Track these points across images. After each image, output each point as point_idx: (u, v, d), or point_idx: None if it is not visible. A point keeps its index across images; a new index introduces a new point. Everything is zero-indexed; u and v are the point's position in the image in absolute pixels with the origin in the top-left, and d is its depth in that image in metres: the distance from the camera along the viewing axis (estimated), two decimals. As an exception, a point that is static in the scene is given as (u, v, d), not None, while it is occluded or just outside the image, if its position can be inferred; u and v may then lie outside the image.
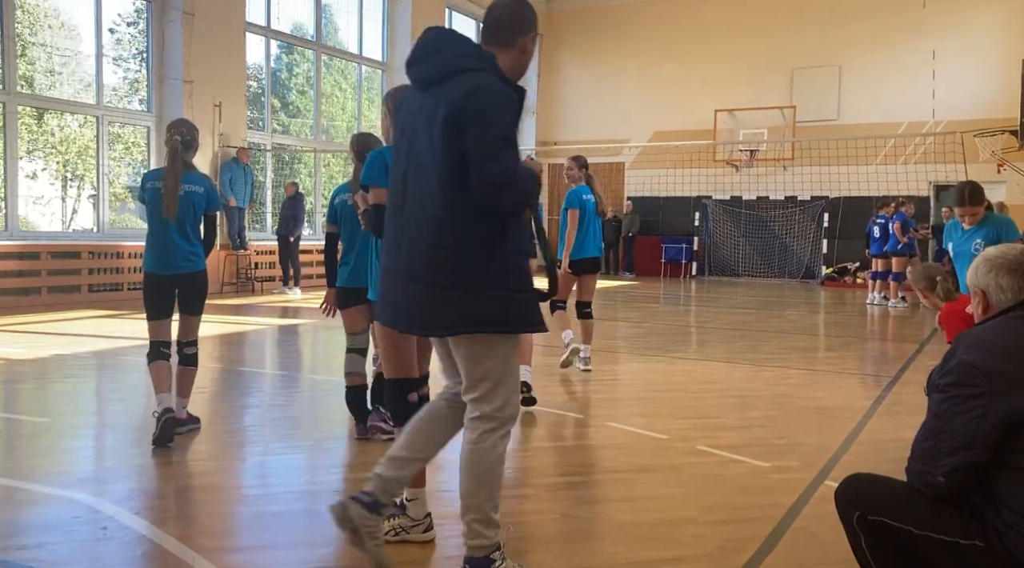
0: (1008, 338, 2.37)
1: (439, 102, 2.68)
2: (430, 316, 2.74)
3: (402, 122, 2.88)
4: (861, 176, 16.26)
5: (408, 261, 2.77)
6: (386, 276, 2.88)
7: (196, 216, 4.84)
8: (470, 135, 2.61)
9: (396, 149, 2.91)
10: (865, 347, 9.66)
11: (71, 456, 4.60)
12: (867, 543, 2.48)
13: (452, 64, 2.72)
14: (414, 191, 2.77)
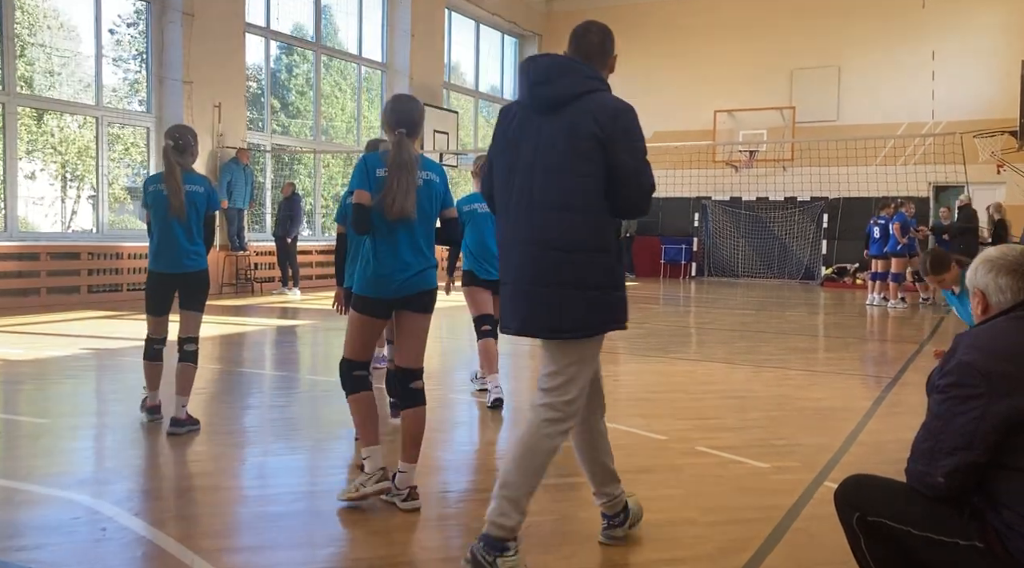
0: (1008, 339, 2.37)
1: (579, 119, 2.93)
2: (553, 316, 2.95)
3: (513, 137, 3.07)
4: (861, 177, 16.26)
5: (535, 268, 2.97)
6: (515, 286, 3.04)
7: (198, 216, 4.99)
8: (623, 150, 2.92)
9: (502, 163, 3.11)
10: (865, 348, 9.66)
11: (71, 457, 4.60)
12: (867, 544, 2.49)
13: (581, 85, 2.99)
14: (540, 199, 2.96)
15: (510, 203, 3.06)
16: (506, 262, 3.09)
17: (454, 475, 4.34)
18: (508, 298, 3.08)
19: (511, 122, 3.10)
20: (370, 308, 3.75)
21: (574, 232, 2.94)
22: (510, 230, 3.06)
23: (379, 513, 3.69)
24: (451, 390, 6.57)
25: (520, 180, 3.02)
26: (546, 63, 3.08)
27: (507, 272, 3.08)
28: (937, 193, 17.89)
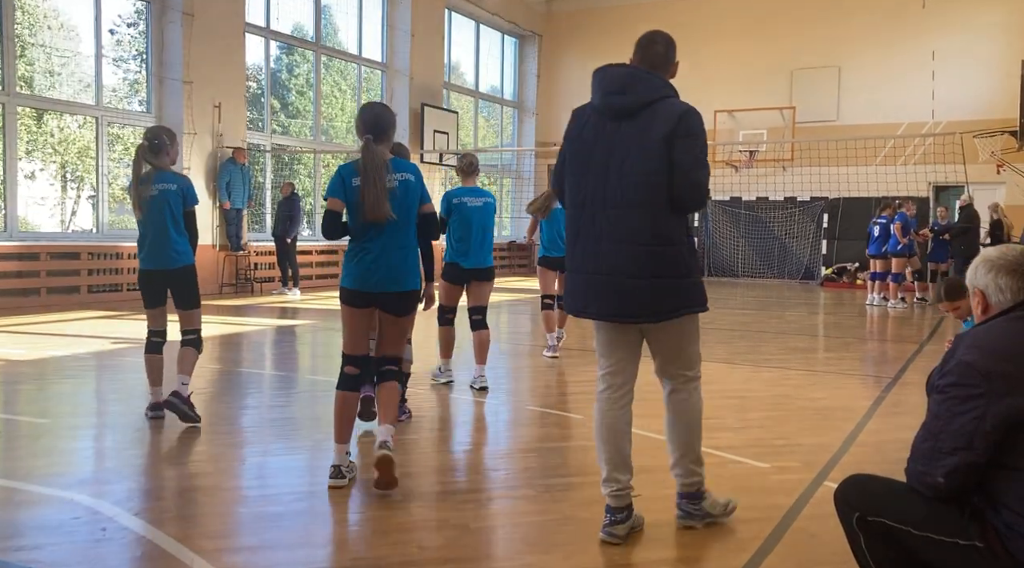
0: (1008, 339, 2.37)
1: (653, 123, 3.25)
2: (654, 303, 3.28)
3: (587, 140, 3.37)
4: (860, 177, 16.25)
5: (616, 260, 3.28)
6: (588, 276, 3.36)
7: (174, 213, 5.07)
8: (681, 147, 3.22)
9: (579, 165, 3.39)
10: (865, 348, 9.66)
11: (71, 457, 4.60)
12: (866, 544, 2.49)
13: (654, 93, 3.29)
14: (618, 199, 3.28)
15: (586, 201, 3.35)
16: (582, 254, 3.39)
17: (454, 475, 4.34)
18: (589, 286, 3.36)
19: (584, 125, 3.41)
20: (352, 298, 4.00)
21: (659, 227, 3.26)
22: (587, 227, 3.36)
23: (379, 513, 3.69)
24: (451, 390, 6.56)
25: (595, 181, 3.33)
26: (620, 73, 3.35)
27: (584, 263, 3.38)
28: (937, 193, 17.89)
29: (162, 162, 5.12)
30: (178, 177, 5.17)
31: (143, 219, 5.09)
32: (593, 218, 3.34)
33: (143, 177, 5.07)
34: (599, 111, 3.36)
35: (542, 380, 7.13)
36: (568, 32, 21.99)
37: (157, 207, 5.02)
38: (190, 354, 5.16)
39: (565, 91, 22.15)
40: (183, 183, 5.13)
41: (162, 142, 5.08)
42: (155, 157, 5.08)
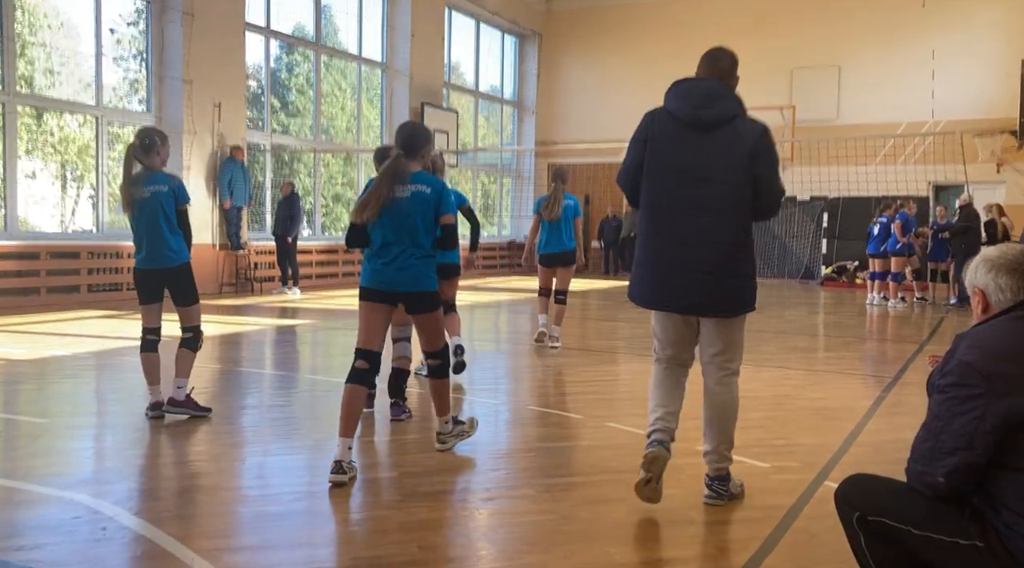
0: (1008, 339, 2.37)
1: (737, 138, 3.63)
2: (723, 300, 3.67)
3: (670, 149, 3.69)
4: (860, 176, 16.25)
5: (694, 259, 3.63)
6: (663, 272, 3.71)
7: (167, 214, 5.12)
8: (763, 164, 3.64)
9: (659, 170, 3.71)
10: (865, 348, 9.66)
11: (70, 457, 4.60)
12: (867, 543, 2.48)
13: (730, 110, 3.66)
14: (701, 203, 3.63)
15: (663, 203, 3.70)
16: (657, 251, 3.72)
17: (454, 475, 4.33)
18: (662, 281, 3.71)
19: (662, 132, 3.71)
20: (365, 295, 4.30)
21: (734, 232, 3.65)
22: (664, 227, 3.70)
23: (379, 513, 3.69)
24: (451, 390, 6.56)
25: (676, 186, 3.66)
26: (703, 89, 3.69)
27: (660, 259, 3.72)
28: (937, 193, 17.89)
29: (152, 162, 5.19)
30: (168, 177, 5.22)
31: (136, 221, 5.16)
32: (672, 219, 3.68)
33: (135, 178, 5.15)
34: (681, 121, 3.67)
35: (542, 380, 7.14)
36: (568, 32, 21.99)
37: (150, 209, 5.09)
38: (187, 356, 5.21)
39: (565, 90, 22.16)
40: (173, 183, 5.18)
41: (152, 142, 5.15)
42: (145, 156, 5.17)
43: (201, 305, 5.40)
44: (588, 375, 7.35)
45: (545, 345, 8.22)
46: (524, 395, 6.56)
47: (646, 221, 3.77)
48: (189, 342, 5.24)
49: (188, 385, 5.23)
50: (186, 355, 5.21)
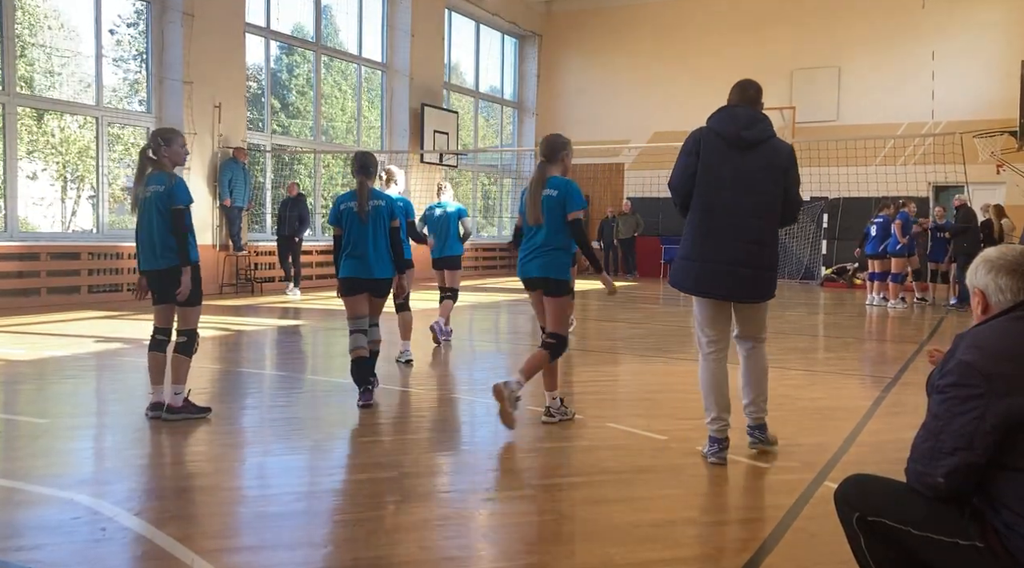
0: (1008, 339, 2.37)
1: (774, 156, 4.43)
2: (758, 289, 4.44)
3: (716, 163, 4.40)
4: (860, 177, 16.25)
5: (736, 255, 4.35)
6: (715, 265, 4.39)
7: (163, 214, 5.12)
8: (793, 176, 4.50)
9: (710, 181, 4.40)
10: (865, 348, 9.66)
11: (70, 457, 4.60)
12: (867, 544, 2.48)
13: (767, 131, 4.46)
14: (744, 209, 4.36)
15: (715, 208, 4.38)
16: (713, 248, 4.39)
17: (454, 475, 4.34)
18: (714, 274, 4.38)
19: (710, 147, 4.42)
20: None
21: (767, 233, 4.42)
22: (717, 228, 4.38)
23: (379, 513, 3.69)
24: (451, 390, 6.57)
25: (726, 194, 4.36)
26: (746, 114, 4.46)
27: (714, 255, 4.38)
28: (937, 193, 17.88)
29: (158, 164, 5.22)
30: (165, 177, 5.18)
31: (137, 220, 5.28)
32: (721, 222, 4.37)
33: (146, 179, 5.21)
34: (726, 140, 4.40)
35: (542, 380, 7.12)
36: (568, 32, 22.00)
37: (147, 209, 5.16)
38: (181, 362, 5.19)
39: (565, 91, 22.16)
40: (170, 183, 5.14)
41: (155, 143, 5.18)
42: (155, 157, 5.23)
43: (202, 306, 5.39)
44: (588, 375, 7.34)
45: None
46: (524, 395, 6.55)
47: (696, 222, 4.43)
48: (184, 347, 5.21)
49: (184, 389, 5.22)
50: (181, 361, 5.19)
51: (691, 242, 4.46)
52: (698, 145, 4.45)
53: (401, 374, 7.00)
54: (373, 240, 5.68)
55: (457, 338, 9.18)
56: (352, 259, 5.70)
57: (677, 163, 4.52)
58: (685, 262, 4.48)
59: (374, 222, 5.69)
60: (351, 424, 5.41)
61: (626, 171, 20.94)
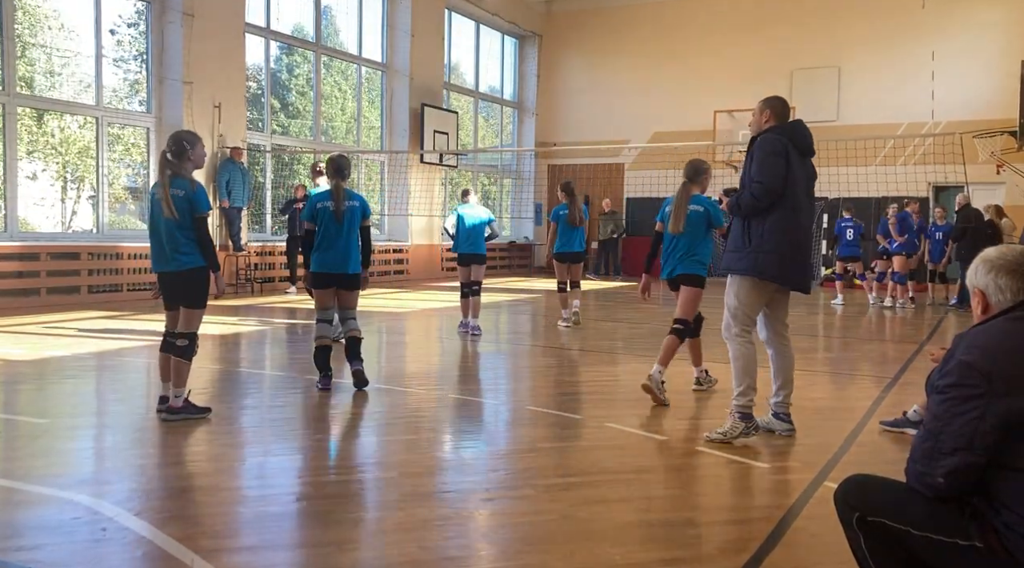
0: (1007, 339, 2.36)
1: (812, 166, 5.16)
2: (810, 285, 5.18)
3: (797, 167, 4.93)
4: (861, 177, 16.23)
5: (809, 254, 5.02)
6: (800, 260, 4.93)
7: (183, 218, 5.15)
8: None
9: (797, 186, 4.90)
10: (865, 348, 9.66)
11: (70, 457, 4.60)
12: (867, 544, 2.48)
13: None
14: (813, 210, 5.16)
15: (803, 208, 4.93)
16: (800, 245, 4.90)
17: (454, 475, 4.34)
18: (803, 268, 4.97)
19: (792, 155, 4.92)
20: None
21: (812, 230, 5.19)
22: (802, 226, 4.95)
23: (379, 513, 3.69)
24: (451, 390, 6.57)
25: (804, 197, 4.96)
26: (806, 126, 5.22)
27: (800, 252, 4.91)
28: (937, 193, 17.88)
29: (178, 167, 5.20)
30: (186, 182, 5.21)
31: (153, 223, 5.25)
32: (805, 220, 4.98)
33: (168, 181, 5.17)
34: (799, 150, 4.98)
35: (542, 380, 7.14)
36: (568, 32, 21.99)
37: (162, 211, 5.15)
38: (182, 367, 5.18)
39: (565, 91, 22.15)
40: (189, 189, 5.17)
41: (180, 148, 5.17)
42: (174, 164, 5.19)
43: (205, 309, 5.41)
44: (588, 375, 7.35)
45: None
46: (524, 395, 6.56)
47: (789, 219, 4.84)
48: (185, 351, 5.19)
49: (185, 391, 5.20)
50: (182, 365, 5.18)
51: (783, 239, 4.84)
52: (787, 151, 4.86)
53: (401, 375, 6.99)
54: (346, 238, 6.12)
55: (457, 338, 9.19)
56: (324, 255, 6.11)
57: (773, 166, 4.82)
58: (776, 257, 4.83)
59: (348, 221, 6.12)
60: (351, 424, 5.42)
61: (626, 171, 20.93)
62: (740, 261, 4.90)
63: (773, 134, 4.93)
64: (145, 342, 8.42)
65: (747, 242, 4.87)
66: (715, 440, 4.82)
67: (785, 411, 5.05)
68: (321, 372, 6.17)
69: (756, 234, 4.85)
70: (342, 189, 6.13)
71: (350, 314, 6.30)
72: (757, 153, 4.91)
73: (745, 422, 4.84)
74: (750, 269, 4.86)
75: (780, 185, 4.78)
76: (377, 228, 18.36)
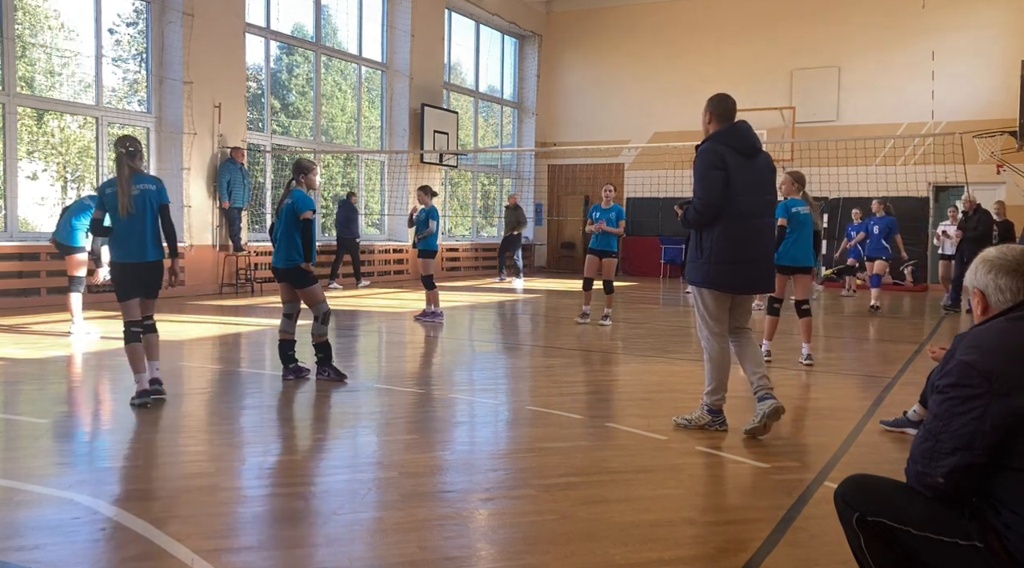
0: (1007, 339, 2.36)
1: (768, 161, 5.19)
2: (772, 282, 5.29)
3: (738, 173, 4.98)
4: (860, 177, 16.25)
5: (766, 252, 5.14)
6: (752, 262, 5.03)
7: (153, 211, 5.72)
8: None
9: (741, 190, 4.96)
10: (864, 348, 9.66)
11: (70, 457, 4.60)
12: (866, 544, 2.48)
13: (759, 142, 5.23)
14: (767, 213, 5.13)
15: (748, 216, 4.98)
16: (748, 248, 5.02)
17: (454, 475, 4.34)
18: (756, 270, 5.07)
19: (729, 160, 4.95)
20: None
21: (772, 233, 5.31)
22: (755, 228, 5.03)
23: (379, 513, 3.69)
24: (451, 390, 6.57)
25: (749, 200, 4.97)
26: (748, 127, 5.15)
27: (749, 255, 5.01)
28: (937, 193, 17.89)
29: (138, 165, 5.76)
30: (154, 178, 5.85)
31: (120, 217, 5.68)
32: (760, 226, 5.04)
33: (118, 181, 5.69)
34: (742, 153, 5.00)
35: (542, 380, 7.13)
36: (568, 32, 22.00)
37: (138, 205, 5.65)
38: (155, 339, 5.91)
39: (565, 91, 22.16)
40: (160, 184, 5.82)
41: (136, 149, 5.75)
42: (132, 161, 5.70)
43: (200, 305, 5.45)
44: (587, 376, 7.35)
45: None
46: (524, 395, 6.56)
47: (734, 228, 4.94)
48: (153, 327, 5.93)
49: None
50: (154, 339, 5.91)
51: (732, 246, 4.96)
52: (723, 160, 4.92)
53: (401, 375, 7.00)
54: (281, 233, 6.55)
55: (457, 338, 9.19)
56: (275, 250, 6.65)
57: (707, 179, 4.91)
58: (730, 266, 4.98)
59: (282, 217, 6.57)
60: (351, 424, 5.42)
61: (626, 171, 20.94)
62: (696, 273, 5.10)
63: (710, 144, 5.02)
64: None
65: (700, 253, 5.06)
66: (681, 425, 5.21)
67: (768, 388, 5.05)
68: (284, 364, 6.61)
69: (707, 245, 5.02)
70: (290, 188, 6.65)
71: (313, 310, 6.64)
72: (696, 168, 5.02)
73: (712, 416, 5.15)
74: (705, 280, 5.07)
75: (718, 199, 4.90)
76: (377, 228, 18.36)
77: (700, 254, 5.05)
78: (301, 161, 6.81)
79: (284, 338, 6.65)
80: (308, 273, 6.60)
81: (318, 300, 6.62)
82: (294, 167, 6.78)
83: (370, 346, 9.07)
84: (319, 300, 6.63)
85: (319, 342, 6.60)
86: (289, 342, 6.65)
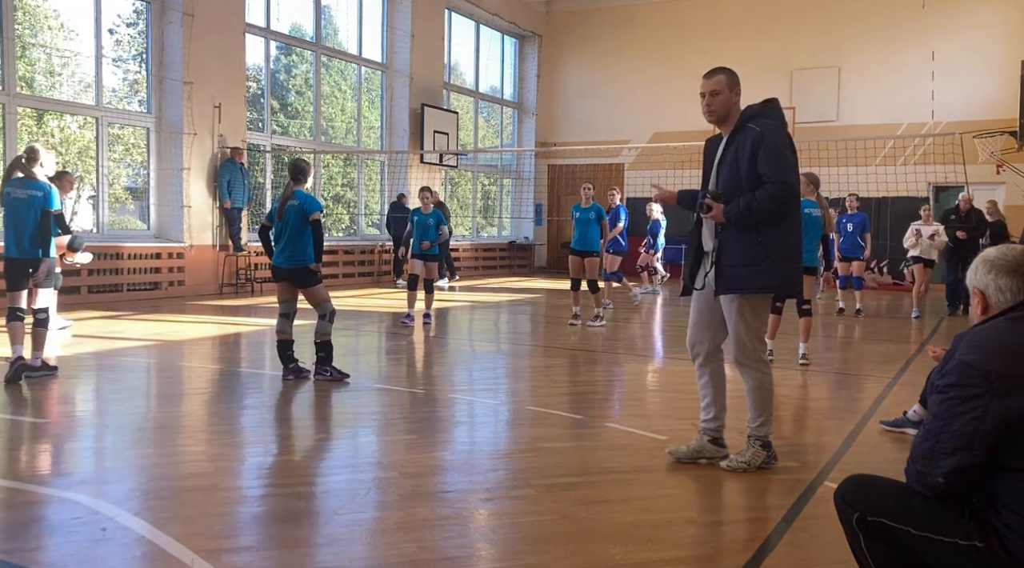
0: (1007, 339, 2.36)
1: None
2: None
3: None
4: (860, 177, 16.24)
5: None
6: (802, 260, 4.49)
7: (38, 214, 6.34)
8: None
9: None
10: (864, 348, 9.66)
11: (70, 457, 4.60)
12: (866, 544, 2.48)
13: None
14: None
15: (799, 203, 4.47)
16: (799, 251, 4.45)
17: (454, 475, 4.34)
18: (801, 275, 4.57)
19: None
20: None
21: None
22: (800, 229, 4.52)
23: (379, 513, 3.69)
24: (451, 390, 6.57)
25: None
26: None
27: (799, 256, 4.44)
28: (937, 193, 17.88)
29: (31, 170, 6.38)
30: (44, 184, 6.43)
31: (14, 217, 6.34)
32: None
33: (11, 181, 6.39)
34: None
35: (542, 380, 7.14)
36: (568, 32, 21.99)
37: (26, 208, 6.33)
38: (41, 334, 6.43)
39: (565, 91, 22.15)
40: (48, 189, 6.41)
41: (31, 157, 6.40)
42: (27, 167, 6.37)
43: (200, 305, 5.44)
44: (588, 375, 7.35)
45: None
46: (524, 395, 6.56)
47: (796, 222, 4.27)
48: (42, 322, 6.46)
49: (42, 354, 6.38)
50: (41, 333, 6.42)
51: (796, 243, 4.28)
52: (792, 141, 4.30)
53: (402, 374, 7.00)
54: (287, 234, 6.68)
55: (457, 338, 9.19)
56: (277, 250, 6.81)
57: (788, 159, 4.19)
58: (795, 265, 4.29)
59: (288, 218, 6.66)
60: (351, 424, 5.42)
61: (626, 171, 20.93)
62: (760, 277, 4.17)
63: (779, 122, 4.26)
64: (145, 342, 8.43)
65: (764, 252, 4.15)
66: (738, 469, 4.30)
67: (720, 435, 4.51)
68: (284, 364, 6.63)
69: (775, 242, 4.16)
70: (290, 190, 6.71)
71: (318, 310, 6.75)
72: (767, 145, 4.13)
73: (767, 451, 4.37)
74: (774, 284, 4.23)
75: (798, 185, 4.27)
76: (377, 228, 18.36)
77: (764, 253, 4.14)
78: (300, 163, 6.83)
79: (282, 338, 6.70)
80: (316, 273, 6.69)
81: (324, 299, 6.69)
82: (293, 169, 6.79)
83: (370, 346, 9.07)
84: (325, 299, 6.69)
85: (322, 341, 6.60)
86: (287, 342, 6.67)
